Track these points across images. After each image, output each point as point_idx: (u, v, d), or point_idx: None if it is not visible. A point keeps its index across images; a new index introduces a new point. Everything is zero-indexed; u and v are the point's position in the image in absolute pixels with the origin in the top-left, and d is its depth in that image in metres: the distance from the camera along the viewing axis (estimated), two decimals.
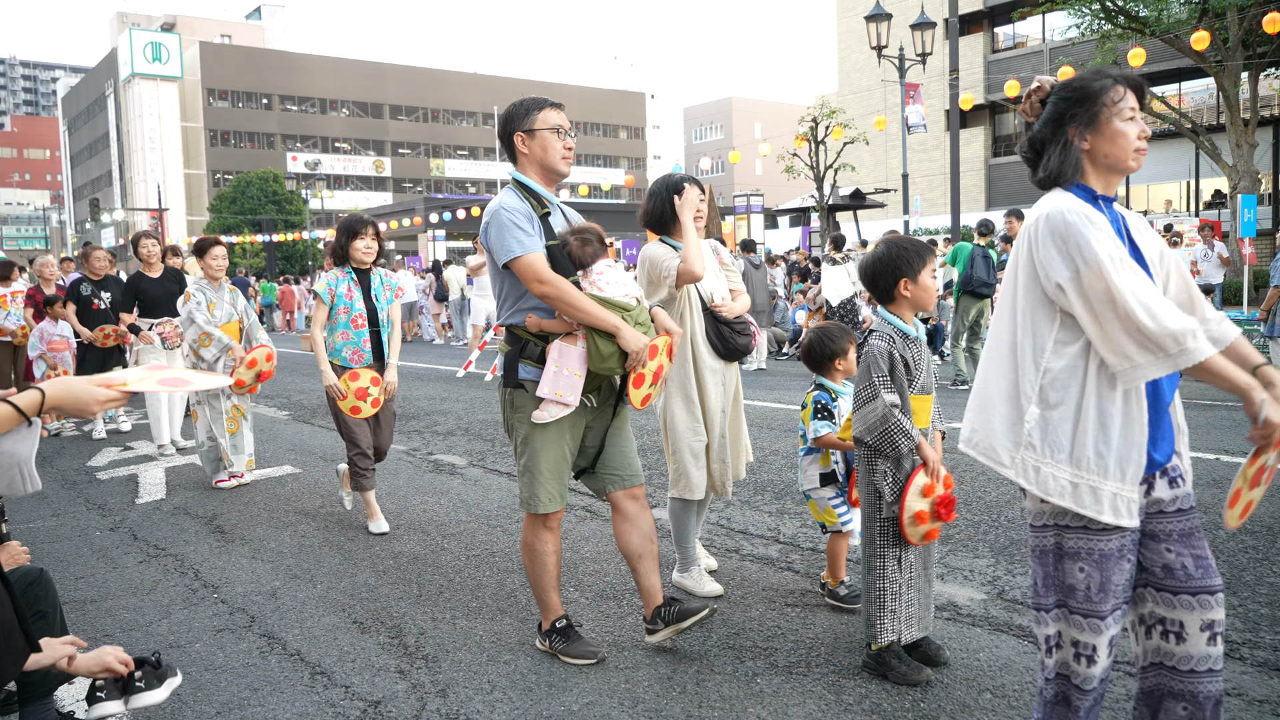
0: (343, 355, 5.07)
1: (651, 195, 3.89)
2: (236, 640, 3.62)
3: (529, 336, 3.15)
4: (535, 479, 3.20)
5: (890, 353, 3.02)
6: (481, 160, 74.62)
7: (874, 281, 3.14)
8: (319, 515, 5.51)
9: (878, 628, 3.08)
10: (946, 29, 20.24)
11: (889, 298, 3.12)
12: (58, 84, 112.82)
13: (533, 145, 3.20)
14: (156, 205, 50.95)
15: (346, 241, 5.10)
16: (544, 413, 3.11)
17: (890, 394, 2.97)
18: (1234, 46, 19.18)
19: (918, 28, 18.41)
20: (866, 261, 3.18)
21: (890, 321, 3.12)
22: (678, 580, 4.05)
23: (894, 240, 3.15)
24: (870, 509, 3.11)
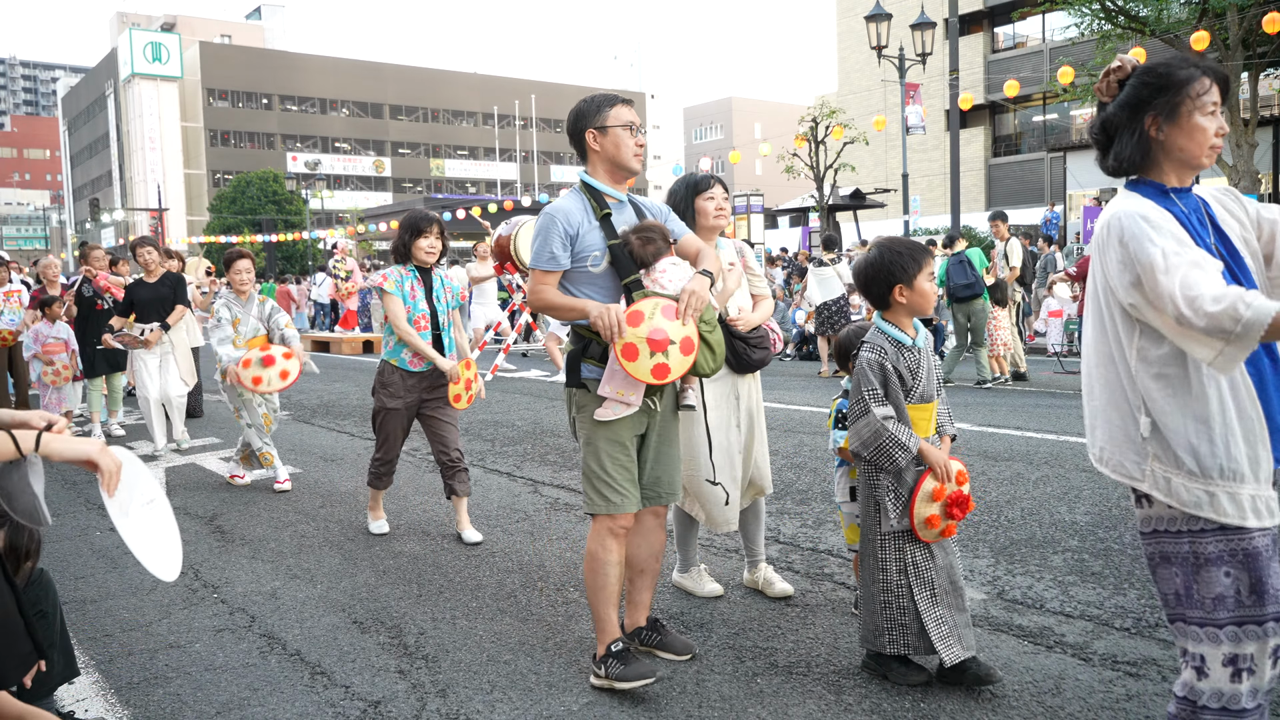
0: (401, 356, 4.87)
1: (671, 194, 3.75)
2: (236, 640, 3.62)
3: (591, 335, 3.05)
4: (598, 479, 3.07)
5: (881, 364, 2.92)
6: (481, 160, 74.60)
7: (867, 287, 3.01)
8: (319, 515, 5.51)
9: (886, 639, 2.97)
10: (946, 29, 20.24)
11: (884, 304, 2.99)
12: (58, 84, 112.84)
13: (605, 142, 3.11)
14: (156, 205, 50.94)
15: (410, 239, 4.86)
16: (606, 410, 3.01)
17: (882, 407, 2.88)
18: (1234, 46, 19.17)
19: (918, 28, 18.41)
20: (858, 267, 3.05)
21: (884, 330, 2.99)
22: (677, 580, 4.02)
23: (887, 243, 3.01)
24: (870, 521, 3.03)
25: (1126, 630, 3.42)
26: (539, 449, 7.25)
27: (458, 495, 4.92)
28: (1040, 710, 2.85)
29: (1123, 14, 20.53)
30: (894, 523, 2.95)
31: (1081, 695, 2.93)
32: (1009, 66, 33.05)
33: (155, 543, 2.13)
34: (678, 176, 3.86)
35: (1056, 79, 17.19)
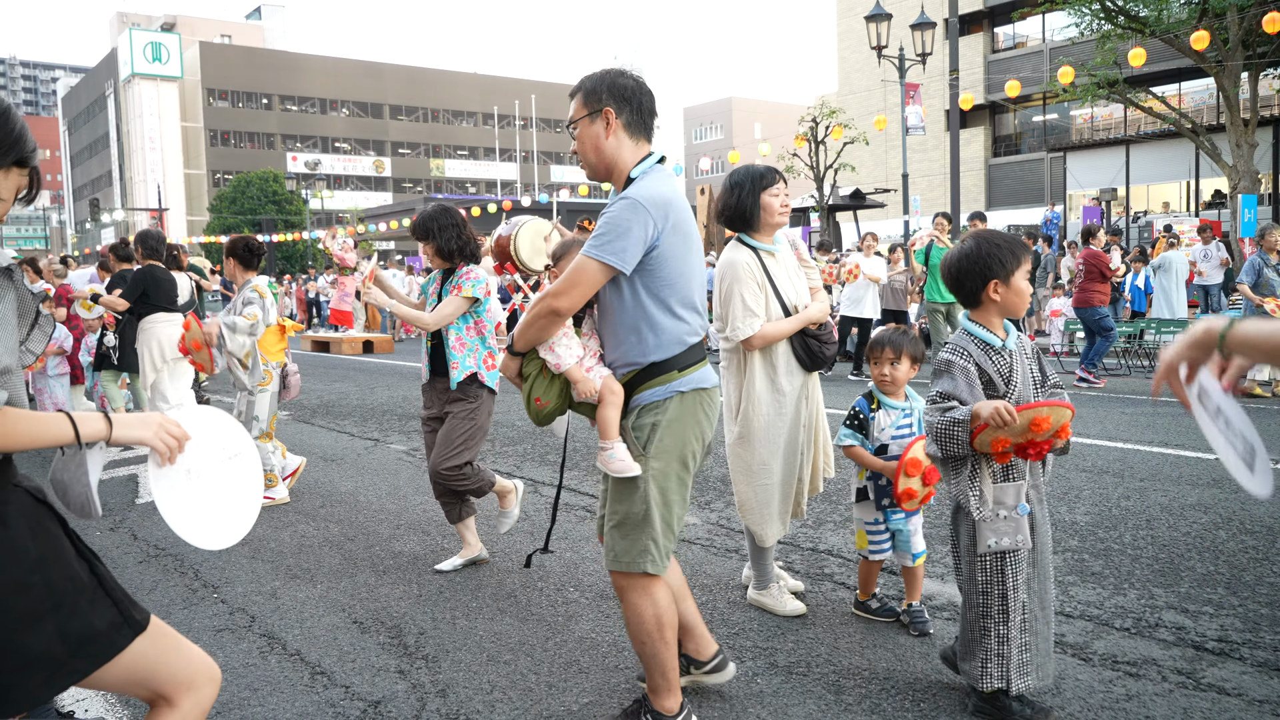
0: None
1: (733, 188, 3.56)
2: (236, 640, 3.62)
3: None
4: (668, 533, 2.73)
5: (965, 369, 2.66)
6: (481, 160, 74.59)
7: (959, 282, 2.76)
8: (319, 515, 5.51)
9: (981, 672, 2.73)
10: (946, 29, 20.24)
11: (974, 302, 2.75)
12: (58, 84, 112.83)
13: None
14: (156, 205, 50.96)
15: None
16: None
17: (958, 411, 2.62)
18: (1234, 46, 19.17)
19: (918, 28, 18.41)
20: (951, 260, 2.79)
21: (971, 331, 2.75)
22: (755, 598, 3.77)
23: (985, 235, 2.76)
24: (965, 543, 2.76)
25: (1126, 630, 3.42)
26: (539, 449, 7.25)
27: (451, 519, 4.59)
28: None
29: (1123, 14, 20.53)
30: (992, 543, 2.69)
31: (1081, 695, 2.93)
32: (1009, 66, 33.05)
33: (220, 504, 2.01)
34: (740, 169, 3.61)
35: (1056, 79, 17.20)
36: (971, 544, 2.73)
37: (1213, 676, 3.03)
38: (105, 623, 1.78)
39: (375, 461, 7.03)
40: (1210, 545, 4.35)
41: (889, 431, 3.45)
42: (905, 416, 3.42)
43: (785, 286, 3.58)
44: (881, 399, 3.44)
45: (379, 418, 9.03)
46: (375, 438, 7.99)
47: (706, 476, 6.10)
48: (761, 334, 3.49)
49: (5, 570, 1.68)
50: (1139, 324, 12.19)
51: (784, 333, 3.50)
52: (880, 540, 3.53)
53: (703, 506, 5.38)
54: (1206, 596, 3.72)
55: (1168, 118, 22.03)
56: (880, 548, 3.53)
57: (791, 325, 3.52)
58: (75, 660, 1.74)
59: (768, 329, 3.49)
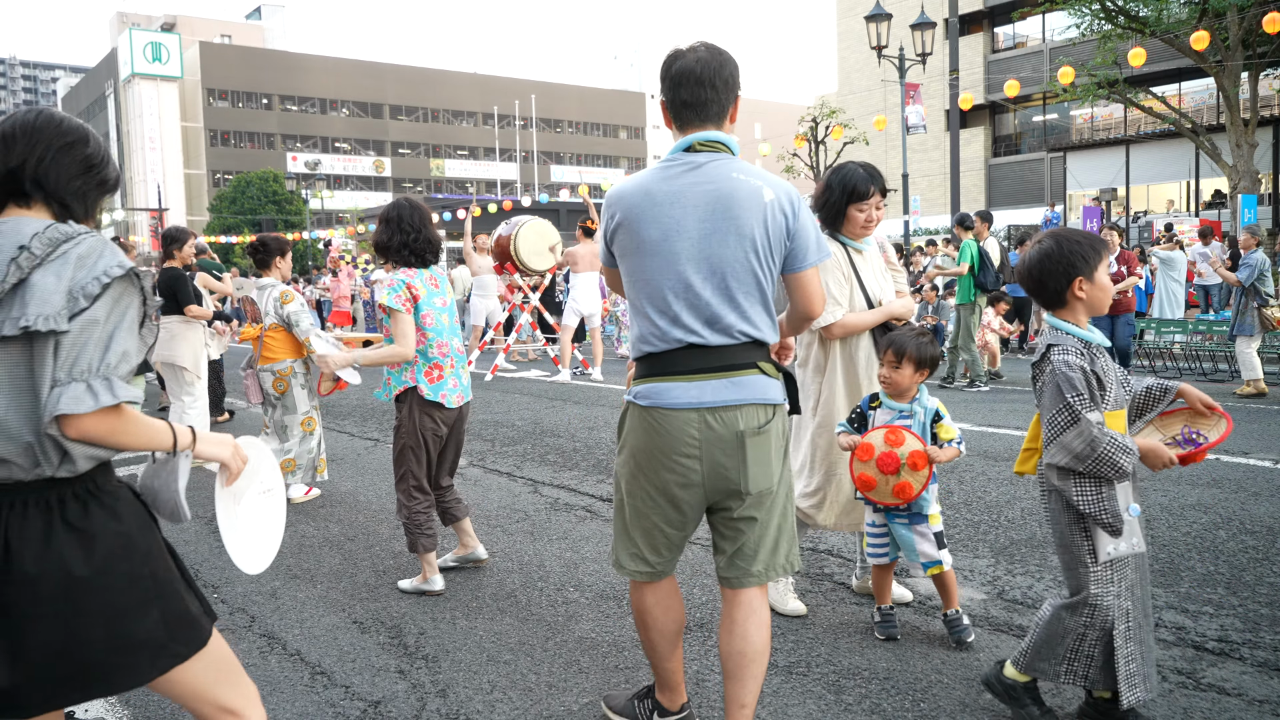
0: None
1: (827, 188, 3.56)
2: (236, 640, 3.62)
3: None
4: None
5: (1082, 368, 2.54)
6: (481, 160, 74.61)
7: (1041, 282, 2.67)
8: (319, 515, 5.51)
9: (1062, 669, 2.63)
10: (946, 29, 20.25)
11: (1059, 301, 2.66)
12: (58, 84, 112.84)
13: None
14: (156, 205, 50.96)
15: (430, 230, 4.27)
16: None
17: (1093, 412, 2.51)
18: (1234, 46, 19.18)
19: (918, 28, 18.42)
20: (1032, 260, 2.69)
21: (1067, 330, 2.63)
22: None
23: (1064, 234, 2.68)
24: (1078, 551, 2.62)
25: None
26: (539, 449, 7.25)
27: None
28: None
29: (1123, 14, 20.54)
30: (1111, 549, 2.58)
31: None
32: (1009, 66, 33.06)
33: (253, 534, 2.20)
34: (841, 170, 3.56)
35: (1056, 79, 17.20)
36: (1091, 551, 2.60)
37: (1213, 676, 3.03)
38: (196, 609, 1.96)
39: (375, 461, 7.03)
40: (1210, 545, 4.35)
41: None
42: (902, 418, 3.35)
43: (871, 282, 3.58)
44: (883, 399, 3.39)
45: (379, 418, 9.03)
46: (375, 438, 7.99)
47: None
48: (842, 323, 3.48)
49: (121, 562, 1.83)
50: (1139, 324, 12.21)
51: (866, 324, 3.50)
52: (878, 544, 3.43)
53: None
54: (1206, 596, 3.72)
55: (1168, 118, 22.05)
56: (877, 551, 3.44)
57: (874, 317, 3.51)
58: (174, 644, 1.90)
59: (849, 319, 3.48)
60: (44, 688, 1.80)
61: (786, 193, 2.44)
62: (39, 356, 1.70)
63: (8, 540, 1.75)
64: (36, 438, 1.73)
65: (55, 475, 1.78)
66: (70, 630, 1.80)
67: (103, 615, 1.84)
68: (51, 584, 1.78)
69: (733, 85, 2.47)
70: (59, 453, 1.76)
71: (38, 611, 1.77)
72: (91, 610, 1.82)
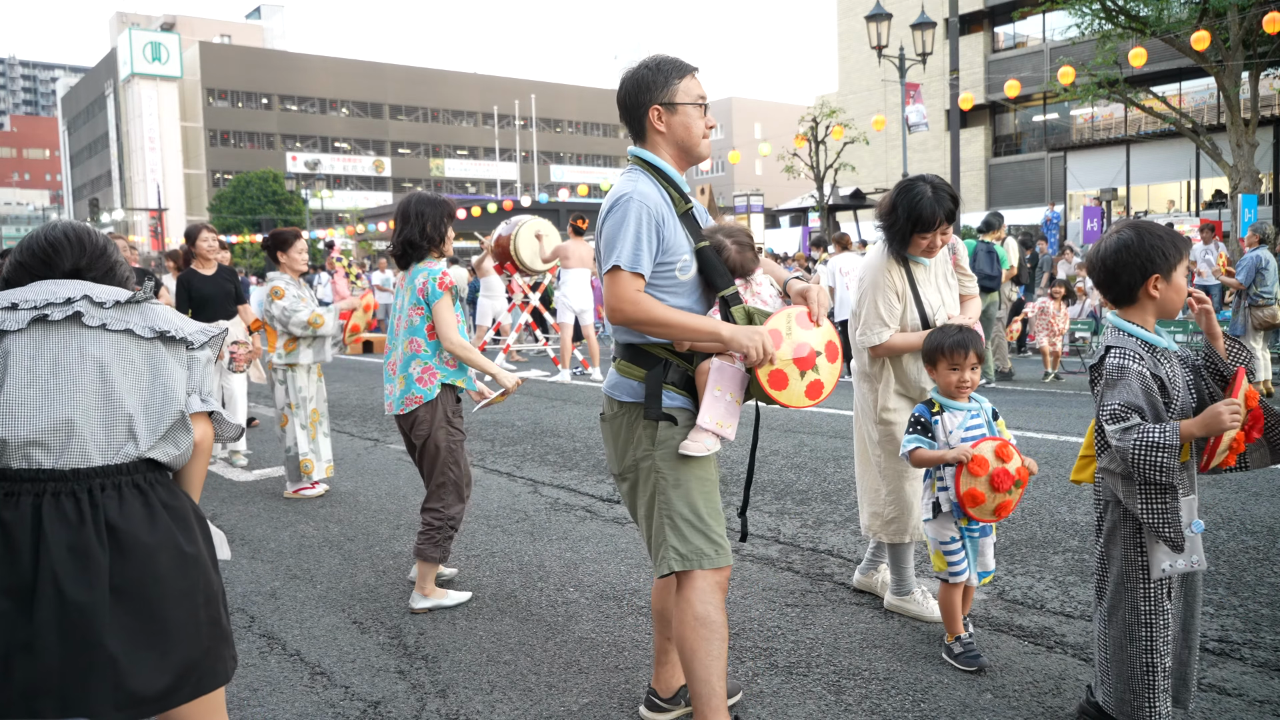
0: (469, 376, 4.12)
1: (893, 209, 3.45)
2: (236, 640, 3.62)
3: (672, 356, 2.57)
4: (695, 526, 2.53)
5: (1140, 373, 2.36)
6: (481, 160, 74.60)
7: (1114, 276, 2.45)
8: (319, 515, 5.51)
9: (1141, 712, 2.46)
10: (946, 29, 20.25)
11: (1129, 298, 2.46)
12: (57, 84, 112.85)
13: (673, 122, 2.57)
14: (156, 205, 50.97)
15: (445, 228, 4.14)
16: (698, 444, 2.52)
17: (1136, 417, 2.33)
18: (1234, 46, 19.17)
19: (918, 28, 18.41)
20: (1107, 250, 2.48)
21: (1129, 331, 2.45)
22: (894, 604, 3.66)
23: (1146, 226, 2.47)
24: (1130, 566, 2.46)
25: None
26: (539, 449, 7.24)
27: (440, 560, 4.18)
28: (1040, 710, 2.85)
29: (1123, 14, 20.53)
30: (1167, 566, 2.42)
31: (1081, 695, 2.93)
32: (1009, 66, 33.04)
33: None
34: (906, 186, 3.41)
35: (1057, 79, 17.20)
36: (1143, 570, 2.44)
37: (1213, 676, 3.03)
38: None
39: (375, 462, 7.03)
40: (1210, 545, 4.34)
41: (958, 434, 3.11)
42: (974, 417, 3.14)
43: (930, 296, 3.48)
44: (944, 403, 3.15)
45: (379, 418, 9.03)
46: (375, 438, 7.98)
47: None
48: (889, 345, 3.41)
49: (210, 547, 2.01)
50: None
51: (914, 346, 3.38)
52: (960, 560, 3.15)
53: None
54: (1207, 596, 3.71)
55: (1168, 117, 22.04)
56: (959, 568, 3.15)
57: (920, 340, 3.35)
58: (234, 650, 2.01)
59: (897, 340, 3.40)
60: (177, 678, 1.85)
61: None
62: None
63: (109, 521, 1.80)
64: None
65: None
66: (193, 609, 1.87)
67: (207, 596, 1.92)
68: (169, 555, 1.84)
69: (627, 106, 2.62)
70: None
71: (164, 591, 1.82)
72: (200, 589, 1.90)
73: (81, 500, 1.78)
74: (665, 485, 2.56)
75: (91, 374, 1.86)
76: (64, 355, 1.86)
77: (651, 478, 2.58)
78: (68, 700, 1.71)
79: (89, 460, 1.80)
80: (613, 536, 4.85)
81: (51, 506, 1.75)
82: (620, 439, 2.65)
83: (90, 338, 1.89)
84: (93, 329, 1.90)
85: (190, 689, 1.86)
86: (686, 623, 2.50)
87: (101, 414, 1.85)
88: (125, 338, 1.93)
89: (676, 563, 2.52)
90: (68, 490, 1.78)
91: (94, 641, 1.73)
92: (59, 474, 1.78)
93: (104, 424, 1.85)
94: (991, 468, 2.95)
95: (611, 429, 2.68)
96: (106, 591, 1.75)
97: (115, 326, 1.91)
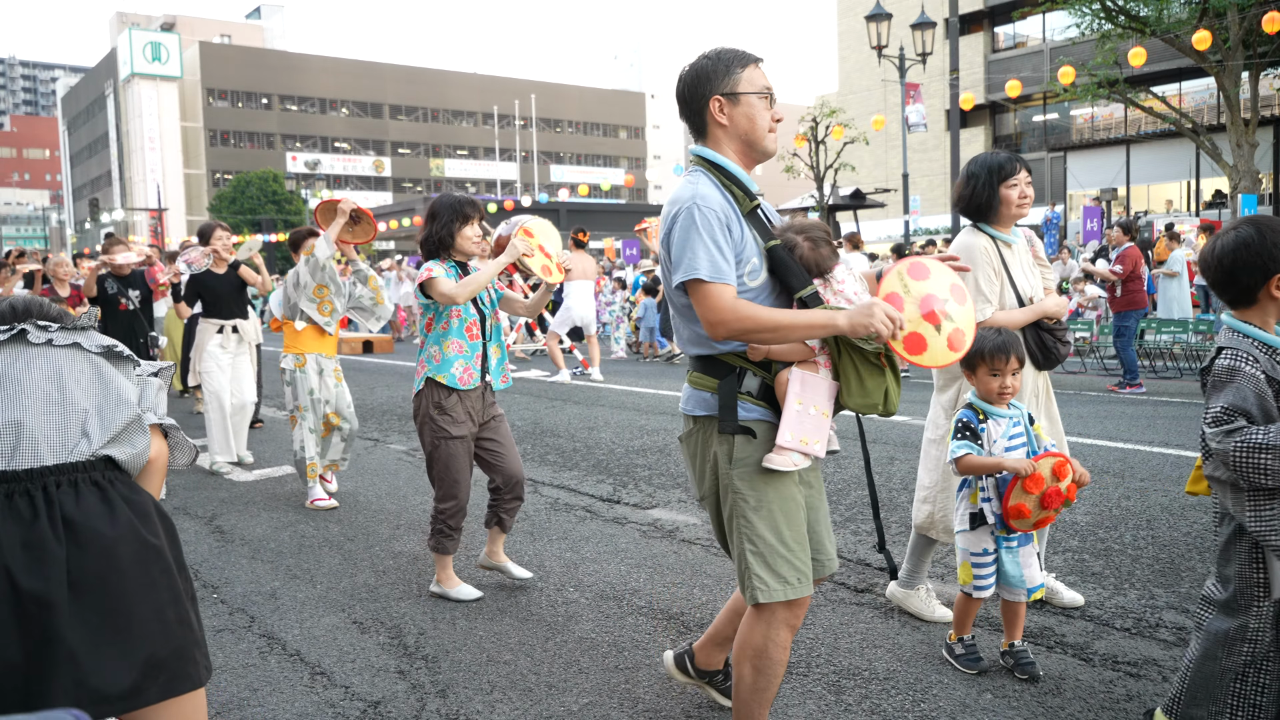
0: (451, 373, 3.91)
1: (969, 178, 3.44)
2: (236, 640, 3.62)
3: (747, 364, 2.37)
4: (776, 554, 2.35)
5: (1254, 375, 2.21)
6: (481, 160, 74.62)
7: (1231, 275, 2.31)
8: (319, 515, 5.51)
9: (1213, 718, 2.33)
10: (946, 29, 20.25)
11: (1248, 300, 2.32)
12: (57, 84, 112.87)
13: (735, 114, 2.40)
14: (156, 205, 50.98)
15: (455, 226, 3.99)
16: (784, 457, 2.32)
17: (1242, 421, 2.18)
18: (1234, 46, 19.17)
19: (918, 28, 18.41)
20: (1225, 248, 2.34)
21: (1245, 331, 2.30)
22: (897, 594, 3.63)
23: (1265, 223, 2.32)
24: (1246, 585, 2.29)
25: (1126, 630, 3.42)
26: (539, 449, 7.24)
27: (504, 529, 4.19)
28: (1040, 710, 2.85)
29: (1123, 14, 20.53)
30: None
31: (1081, 695, 2.93)
32: (1009, 66, 33.05)
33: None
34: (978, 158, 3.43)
35: (1057, 79, 17.20)
36: (1262, 585, 2.27)
37: None
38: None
39: (375, 461, 7.03)
40: (1210, 545, 4.34)
41: (1001, 444, 3.00)
42: (1015, 425, 3.04)
43: (1020, 278, 3.43)
44: (987, 409, 3.03)
45: (379, 418, 9.03)
46: (375, 438, 7.98)
47: None
48: (992, 321, 3.27)
49: (175, 543, 1.96)
50: (1142, 323, 12.19)
51: (1017, 323, 3.32)
52: (988, 575, 3.05)
53: (703, 506, 5.37)
54: None
55: (1168, 117, 22.04)
56: (986, 583, 3.06)
57: (1025, 316, 3.34)
58: (207, 654, 1.97)
59: (999, 317, 3.31)
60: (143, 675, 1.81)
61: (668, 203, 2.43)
62: None
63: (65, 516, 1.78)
64: None
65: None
66: (158, 604, 1.84)
67: (172, 594, 1.88)
68: (131, 548, 1.82)
69: (686, 99, 2.47)
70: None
71: (126, 584, 1.79)
72: (166, 585, 1.87)
73: (36, 497, 1.76)
74: (745, 507, 2.37)
75: (40, 380, 1.88)
76: (11, 366, 1.88)
77: (729, 498, 2.40)
78: (31, 697, 1.69)
79: (41, 460, 1.79)
80: (613, 536, 4.85)
81: (4, 506, 1.74)
82: (698, 458, 2.47)
83: (38, 352, 1.92)
84: (39, 345, 1.92)
85: (158, 689, 1.82)
86: (746, 651, 2.41)
87: (52, 415, 1.85)
88: (73, 350, 1.95)
89: (763, 594, 2.35)
90: (21, 490, 1.76)
91: (53, 636, 1.70)
92: (11, 475, 1.76)
93: (57, 425, 1.84)
94: (1046, 486, 2.86)
95: (689, 448, 2.50)
96: (64, 584, 1.72)
97: (62, 342, 1.94)
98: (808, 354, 2.34)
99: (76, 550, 1.75)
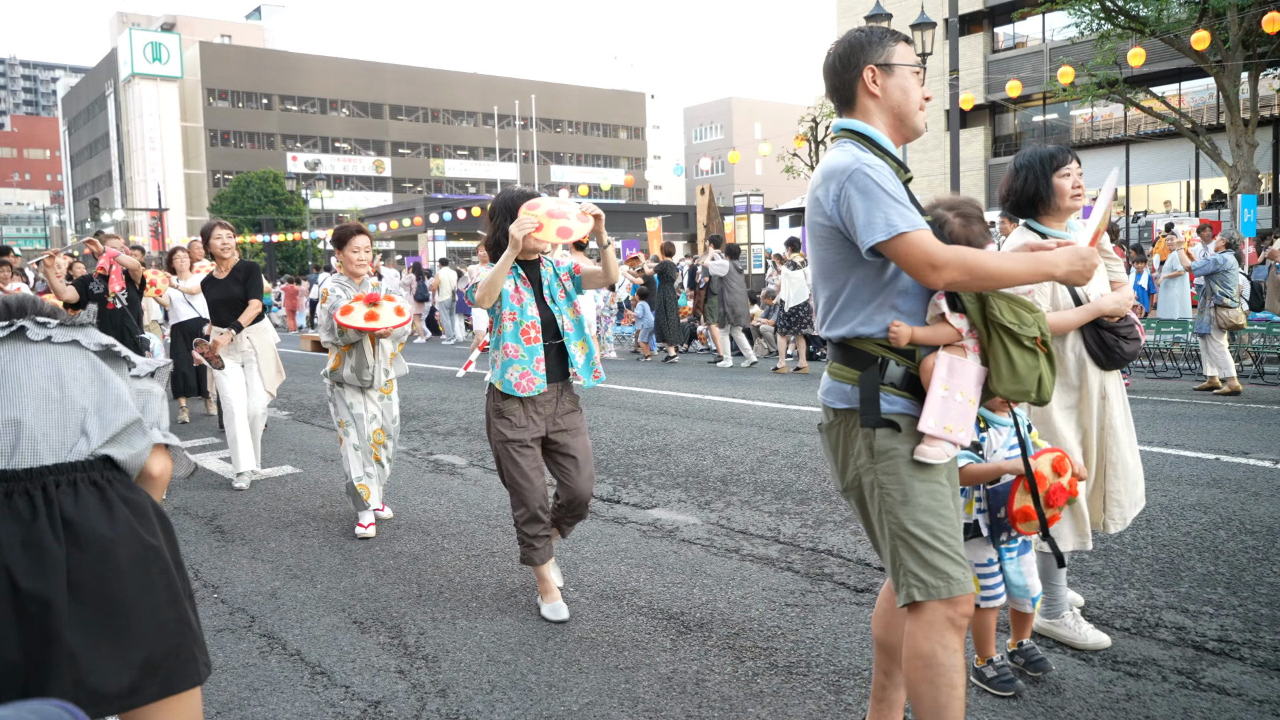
0: (506, 378, 3.68)
1: (1019, 170, 3.22)
2: (236, 640, 3.62)
3: (889, 353, 2.24)
4: (931, 549, 2.18)
5: None
6: (481, 160, 74.61)
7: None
8: (319, 515, 5.51)
9: None
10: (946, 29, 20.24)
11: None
12: (58, 84, 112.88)
13: (889, 85, 2.32)
14: (156, 205, 50.98)
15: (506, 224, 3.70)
16: (936, 448, 2.19)
17: None
18: (1234, 46, 19.18)
19: (918, 28, 18.40)
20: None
21: None
22: (1045, 627, 3.38)
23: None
24: None
25: (1126, 630, 3.42)
26: None
27: (560, 534, 4.04)
28: (1040, 710, 2.85)
29: (1123, 14, 20.54)
30: None
31: (1081, 695, 2.93)
32: (1009, 66, 33.04)
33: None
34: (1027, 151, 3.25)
35: (1056, 79, 17.21)
36: None
37: (1213, 676, 3.03)
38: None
39: None
40: (1210, 545, 4.35)
41: (1001, 453, 2.95)
42: (1013, 435, 2.97)
43: None
44: (989, 418, 2.97)
45: None
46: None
47: (706, 476, 6.10)
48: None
49: (174, 542, 1.96)
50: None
51: (1070, 324, 3.18)
52: (995, 585, 2.99)
53: (702, 506, 5.38)
54: (1206, 596, 3.72)
55: (1168, 118, 22.06)
56: (995, 592, 2.99)
57: (1079, 316, 3.17)
58: (206, 652, 1.97)
59: (1051, 318, 3.13)
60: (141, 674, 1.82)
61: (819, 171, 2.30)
62: None
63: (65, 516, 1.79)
64: None
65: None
66: (157, 604, 1.84)
67: (171, 593, 1.88)
68: (129, 548, 1.82)
69: (838, 69, 2.37)
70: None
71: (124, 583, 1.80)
72: (164, 585, 1.87)
73: (35, 497, 1.76)
74: (892, 503, 2.22)
75: (39, 378, 1.87)
76: (10, 364, 1.88)
77: (875, 494, 2.26)
78: (30, 697, 1.69)
79: (40, 459, 1.79)
80: (613, 536, 4.85)
81: (3, 506, 1.74)
82: (839, 451, 2.35)
83: (36, 349, 1.91)
84: (38, 343, 1.92)
85: (157, 688, 1.82)
86: (915, 664, 2.21)
87: (51, 414, 1.85)
88: (72, 348, 1.95)
89: (919, 591, 2.17)
90: (20, 489, 1.76)
91: (52, 636, 1.71)
92: (10, 474, 1.76)
93: (56, 424, 1.84)
94: (1049, 484, 2.78)
95: (829, 440, 2.39)
96: (64, 584, 1.73)
97: (61, 339, 1.95)
98: (955, 337, 2.23)
99: (76, 550, 1.76)
